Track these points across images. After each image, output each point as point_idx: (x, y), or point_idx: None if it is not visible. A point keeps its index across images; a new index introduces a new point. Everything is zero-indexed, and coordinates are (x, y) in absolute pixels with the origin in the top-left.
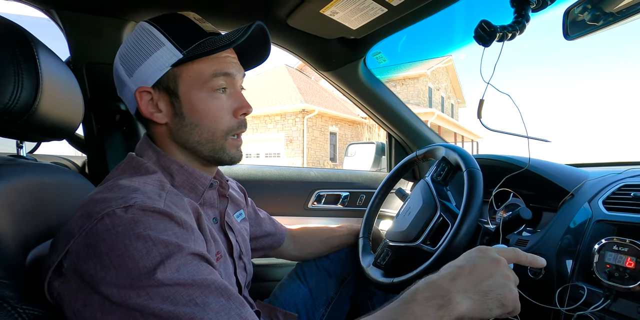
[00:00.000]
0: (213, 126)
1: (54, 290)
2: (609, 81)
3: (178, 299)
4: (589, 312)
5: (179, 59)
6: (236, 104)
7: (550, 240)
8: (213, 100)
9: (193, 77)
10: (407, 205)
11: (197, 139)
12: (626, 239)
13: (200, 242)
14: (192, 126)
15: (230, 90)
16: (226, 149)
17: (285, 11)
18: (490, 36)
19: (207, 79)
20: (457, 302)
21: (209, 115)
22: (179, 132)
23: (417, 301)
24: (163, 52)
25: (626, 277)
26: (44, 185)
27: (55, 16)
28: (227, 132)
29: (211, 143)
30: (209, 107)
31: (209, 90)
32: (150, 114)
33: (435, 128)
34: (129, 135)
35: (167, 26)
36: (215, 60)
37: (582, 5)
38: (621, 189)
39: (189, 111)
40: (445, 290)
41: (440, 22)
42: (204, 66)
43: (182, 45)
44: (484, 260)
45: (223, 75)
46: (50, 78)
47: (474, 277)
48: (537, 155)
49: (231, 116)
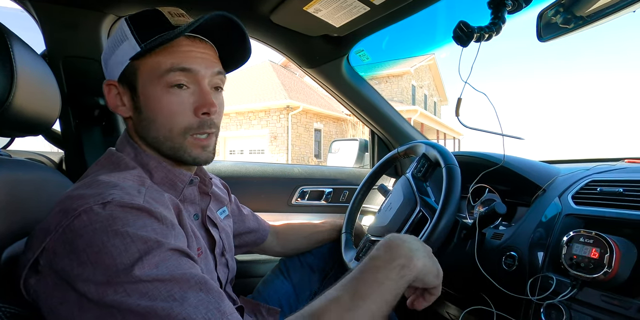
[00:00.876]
0: (169, 123)
1: (30, 287)
2: (579, 82)
3: (156, 295)
4: (557, 300)
5: (137, 52)
6: (198, 102)
7: (524, 233)
8: (169, 95)
9: (149, 71)
10: (389, 201)
11: (155, 135)
12: (592, 231)
13: (181, 237)
14: (149, 121)
15: (194, 87)
16: (187, 149)
17: (269, 7)
18: (468, 37)
19: (162, 73)
20: (416, 259)
21: (164, 112)
22: (138, 127)
23: (378, 267)
24: (125, 45)
25: (591, 267)
26: (19, 182)
27: (30, 7)
28: (185, 131)
29: (169, 141)
30: (163, 102)
31: (165, 85)
32: (115, 107)
33: (418, 125)
34: (109, 131)
35: (137, 21)
36: (175, 54)
37: (555, 9)
38: (589, 184)
39: (145, 106)
40: (404, 251)
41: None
42: (162, 60)
43: (142, 39)
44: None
45: (180, 70)
46: (25, 72)
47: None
48: (512, 152)
49: (191, 114)
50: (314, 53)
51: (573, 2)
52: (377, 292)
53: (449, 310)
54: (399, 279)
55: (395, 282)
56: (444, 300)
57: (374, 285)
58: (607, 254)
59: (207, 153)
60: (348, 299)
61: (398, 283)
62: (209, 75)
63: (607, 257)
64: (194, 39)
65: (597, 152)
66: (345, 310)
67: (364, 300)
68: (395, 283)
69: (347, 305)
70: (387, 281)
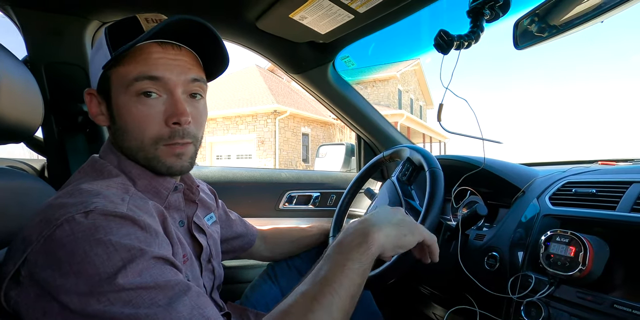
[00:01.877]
0: (140, 133)
1: (11, 299)
2: (556, 88)
3: (140, 302)
4: (536, 298)
5: (107, 61)
6: (168, 111)
7: (504, 234)
8: (137, 105)
9: (119, 80)
10: (375, 204)
11: (128, 145)
12: (568, 231)
13: (165, 245)
14: (122, 131)
15: (164, 95)
16: (159, 158)
17: (255, 14)
18: (448, 44)
19: (130, 82)
20: (374, 232)
21: (133, 121)
22: (115, 136)
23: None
24: (100, 54)
25: (567, 265)
26: (1, 190)
27: (11, 13)
28: (156, 141)
29: (142, 151)
30: (131, 112)
31: (132, 95)
32: (95, 116)
33: (404, 129)
34: (92, 138)
35: (114, 29)
36: (143, 62)
37: (530, 18)
38: (565, 185)
39: (117, 115)
40: (361, 228)
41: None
42: (130, 68)
43: (114, 47)
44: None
45: (148, 78)
46: (7, 78)
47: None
48: (492, 155)
49: (162, 124)
50: (300, 59)
51: (547, 12)
52: (342, 275)
53: (434, 310)
54: (361, 257)
55: (359, 261)
56: (430, 301)
57: (336, 269)
58: (582, 252)
59: (182, 162)
60: (313, 289)
61: (362, 261)
62: (182, 82)
63: (581, 255)
64: (165, 45)
65: (572, 155)
66: (311, 299)
67: (330, 285)
68: (358, 262)
69: (313, 294)
70: (349, 262)
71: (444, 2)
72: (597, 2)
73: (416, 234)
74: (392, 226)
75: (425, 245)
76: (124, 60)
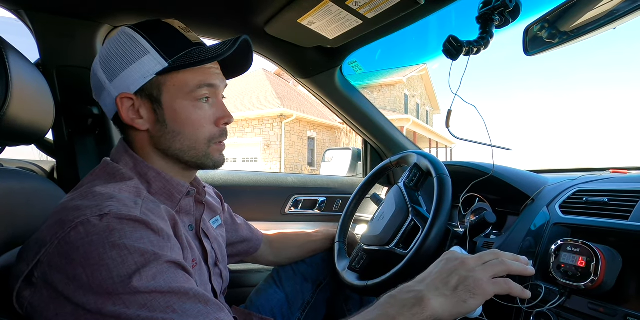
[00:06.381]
0: (195, 135)
1: (24, 300)
2: (566, 94)
3: (155, 306)
4: (546, 308)
5: (164, 68)
6: (218, 114)
7: (513, 242)
8: (196, 109)
9: (177, 86)
10: (381, 210)
11: (180, 147)
12: (579, 240)
13: (177, 249)
14: (175, 134)
15: (213, 99)
16: (210, 155)
17: (264, 19)
18: (457, 50)
19: (192, 89)
20: (429, 299)
21: (192, 124)
22: (160, 139)
23: (390, 303)
24: (147, 59)
25: (578, 276)
26: (11, 191)
27: (25, 17)
28: (209, 140)
29: (194, 150)
30: (192, 116)
31: (192, 100)
32: (131, 120)
33: (411, 134)
34: (102, 140)
35: (152, 33)
36: (201, 71)
37: (540, 24)
38: (575, 194)
39: (171, 119)
40: (417, 291)
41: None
42: (190, 76)
43: (167, 54)
44: (447, 261)
45: (207, 86)
46: (20, 81)
47: (441, 276)
48: (501, 161)
49: (213, 125)
50: (308, 64)
51: (558, 18)
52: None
53: None
54: (412, 317)
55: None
56: None
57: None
58: (593, 262)
59: (223, 157)
60: None
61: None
62: (222, 88)
63: (593, 266)
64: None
65: (583, 162)
66: None
67: None
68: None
69: None
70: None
71: (451, 8)
72: (609, 8)
73: (478, 295)
74: (449, 293)
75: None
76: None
